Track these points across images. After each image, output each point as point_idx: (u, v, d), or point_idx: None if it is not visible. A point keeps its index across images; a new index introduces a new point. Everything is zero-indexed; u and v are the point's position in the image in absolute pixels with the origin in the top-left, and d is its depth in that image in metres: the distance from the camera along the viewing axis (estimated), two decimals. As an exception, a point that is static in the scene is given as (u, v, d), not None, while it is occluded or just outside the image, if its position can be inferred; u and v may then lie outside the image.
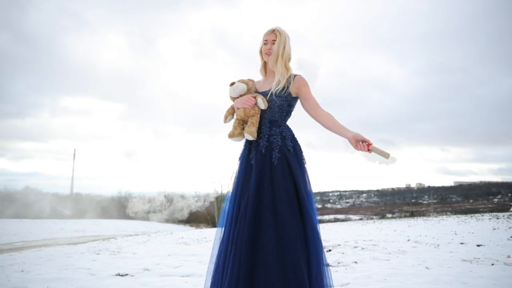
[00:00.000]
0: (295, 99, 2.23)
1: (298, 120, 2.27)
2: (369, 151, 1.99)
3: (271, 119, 2.19)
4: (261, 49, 2.27)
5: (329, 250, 5.83)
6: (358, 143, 2.01)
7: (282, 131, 2.16)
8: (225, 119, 2.30)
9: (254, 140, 2.17)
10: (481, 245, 6.02)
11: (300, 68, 2.30)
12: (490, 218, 14.33)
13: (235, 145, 2.26)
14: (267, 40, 2.24)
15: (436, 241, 6.96)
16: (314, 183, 2.15)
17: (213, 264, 2.12)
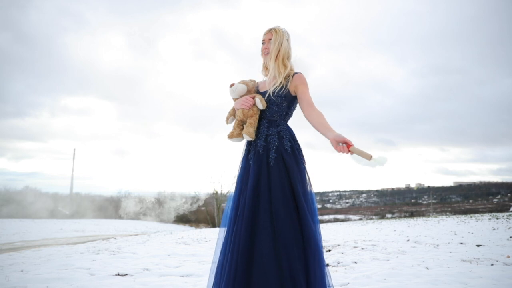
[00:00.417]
0: (295, 98, 2.20)
1: (299, 120, 2.26)
2: (350, 152, 1.88)
3: (270, 119, 2.17)
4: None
5: (329, 250, 5.83)
6: (338, 145, 1.91)
7: (280, 131, 2.14)
8: (226, 120, 2.30)
9: (253, 141, 2.17)
10: (480, 245, 6.03)
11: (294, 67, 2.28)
12: (489, 218, 14.33)
13: (234, 145, 2.26)
14: (264, 40, 2.24)
15: (436, 241, 6.96)
16: (314, 183, 2.14)
17: (215, 264, 2.12)
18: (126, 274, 3.88)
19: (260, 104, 2.15)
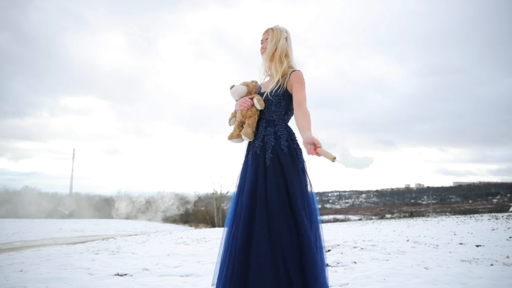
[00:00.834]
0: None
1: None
2: (317, 154, 1.83)
3: (269, 118, 2.16)
4: None
5: (329, 250, 5.83)
6: (307, 147, 1.87)
7: (277, 131, 2.12)
8: (229, 122, 2.30)
9: (251, 141, 2.17)
10: (480, 246, 6.03)
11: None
12: (489, 219, 14.34)
13: (234, 146, 2.26)
14: (262, 40, 2.24)
15: (435, 242, 6.97)
16: (314, 184, 2.12)
17: (218, 263, 2.12)
18: (126, 274, 3.87)
19: (258, 104, 2.14)
